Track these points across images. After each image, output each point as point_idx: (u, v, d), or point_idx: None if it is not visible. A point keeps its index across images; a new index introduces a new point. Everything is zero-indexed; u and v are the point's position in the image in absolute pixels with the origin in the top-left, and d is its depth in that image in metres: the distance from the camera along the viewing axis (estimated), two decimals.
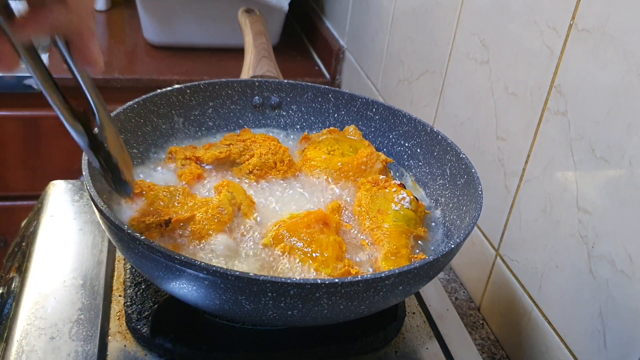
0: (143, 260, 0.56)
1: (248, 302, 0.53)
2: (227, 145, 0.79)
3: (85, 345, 0.64)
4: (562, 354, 0.75)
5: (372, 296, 0.55)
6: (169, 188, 0.70)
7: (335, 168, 0.78)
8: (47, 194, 0.89)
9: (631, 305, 0.65)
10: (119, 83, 1.54)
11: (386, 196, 0.73)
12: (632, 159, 0.64)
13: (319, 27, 1.77)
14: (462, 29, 0.98)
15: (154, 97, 0.80)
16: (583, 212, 0.71)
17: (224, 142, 0.81)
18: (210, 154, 0.77)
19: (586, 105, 0.70)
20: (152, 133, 0.80)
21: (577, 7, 0.72)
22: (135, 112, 0.77)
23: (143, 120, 0.79)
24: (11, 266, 0.81)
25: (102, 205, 0.57)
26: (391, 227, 0.69)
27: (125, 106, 0.76)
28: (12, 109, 1.52)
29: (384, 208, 0.71)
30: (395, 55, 1.26)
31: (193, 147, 0.80)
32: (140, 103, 0.78)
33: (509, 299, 0.86)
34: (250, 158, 0.77)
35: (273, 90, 0.90)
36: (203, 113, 0.87)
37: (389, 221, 0.69)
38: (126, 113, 0.76)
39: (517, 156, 0.83)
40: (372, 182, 0.75)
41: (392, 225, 0.69)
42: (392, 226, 0.69)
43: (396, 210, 0.71)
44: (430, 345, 0.72)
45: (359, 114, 0.89)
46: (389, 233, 0.68)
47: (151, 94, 0.80)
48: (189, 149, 0.79)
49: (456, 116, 1.00)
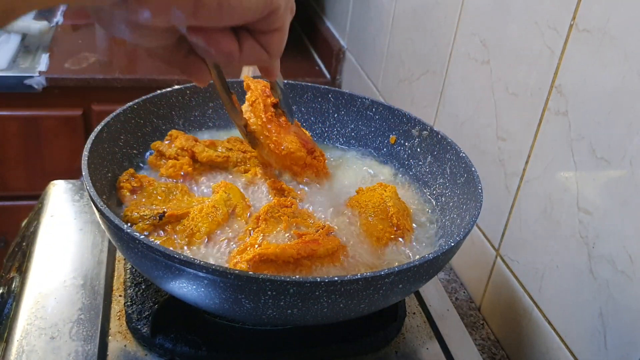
0: (143, 259, 0.56)
1: (248, 301, 0.53)
2: (228, 149, 0.79)
3: (86, 345, 0.64)
4: (563, 355, 0.75)
5: (372, 294, 0.55)
6: (168, 185, 0.71)
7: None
8: (47, 193, 0.89)
9: (631, 306, 0.64)
10: (119, 83, 1.54)
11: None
12: (633, 160, 0.63)
13: (320, 27, 1.77)
14: (462, 29, 0.98)
15: (154, 98, 0.80)
16: (583, 212, 0.71)
17: (225, 145, 0.80)
18: (207, 154, 0.77)
19: (587, 106, 0.70)
20: (152, 134, 0.80)
21: (577, 7, 0.71)
22: (135, 113, 0.77)
23: (143, 121, 0.79)
24: (11, 266, 0.81)
25: (102, 205, 0.57)
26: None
27: (125, 107, 0.76)
28: (13, 109, 1.52)
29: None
30: (396, 55, 1.26)
31: (194, 139, 0.80)
32: (140, 104, 0.78)
33: (509, 299, 0.86)
34: (245, 172, 0.77)
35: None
36: (203, 114, 0.87)
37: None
38: (126, 114, 0.76)
39: (518, 156, 0.83)
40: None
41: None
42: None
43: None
44: (430, 345, 0.72)
45: (359, 114, 0.89)
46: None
47: (151, 94, 0.80)
48: (190, 139, 0.78)
49: (457, 116, 1.00)
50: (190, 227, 0.64)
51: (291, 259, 0.60)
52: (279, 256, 0.60)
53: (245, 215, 0.69)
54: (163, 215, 0.64)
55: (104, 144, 0.71)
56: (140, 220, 0.64)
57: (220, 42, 0.43)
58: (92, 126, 1.38)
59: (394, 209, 0.70)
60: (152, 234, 0.65)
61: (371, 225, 0.68)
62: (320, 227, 0.66)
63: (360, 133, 0.89)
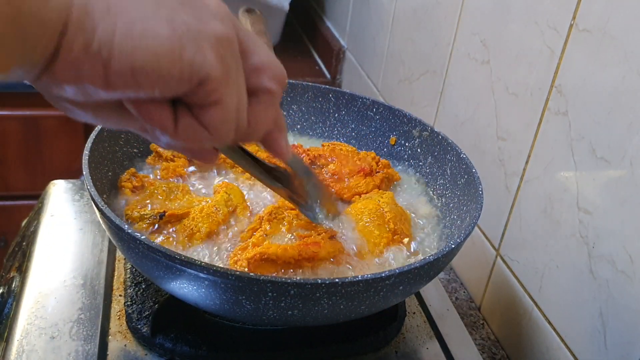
0: (143, 259, 0.56)
1: (248, 302, 0.53)
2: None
3: (86, 344, 0.64)
4: (563, 354, 0.75)
5: (372, 296, 0.55)
6: (169, 184, 0.71)
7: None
8: (47, 193, 0.89)
9: (631, 306, 0.64)
10: None
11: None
12: (633, 159, 0.64)
13: (320, 27, 1.77)
14: (462, 29, 0.98)
15: None
16: (583, 212, 0.71)
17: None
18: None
19: (587, 106, 0.70)
20: None
21: (577, 7, 0.71)
22: None
23: None
24: (11, 266, 0.81)
25: (102, 204, 0.57)
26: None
27: None
28: (13, 108, 1.52)
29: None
30: (396, 55, 1.26)
31: None
32: None
33: (510, 299, 0.86)
34: (245, 172, 0.77)
35: None
36: None
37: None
38: None
39: (518, 156, 0.83)
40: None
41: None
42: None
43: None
44: (430, 345, 0.72)
45: (360, 113, 0.89)
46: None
47: None
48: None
49: (457, 116, 1.00)
50: (191, 227, 0.64)
51: (292, 260, 0.60)
52: (280, 256, 0.60)
53: (246, 215, 0.69)
54: (164, 214, 0.64)
55: (105, 143, 0.71)
56: (140, 219, 0.65)
57: (152, 113, 0.37)
58: (92, 126, 1.37)
59: (391, 214, 0.70)
60: (152, 233, 0.65)
61: (368, 231, 0.68)
62: (323, 230, 0.66)
63: (361, 133, 0.89)
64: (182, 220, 0.65)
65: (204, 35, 0.36)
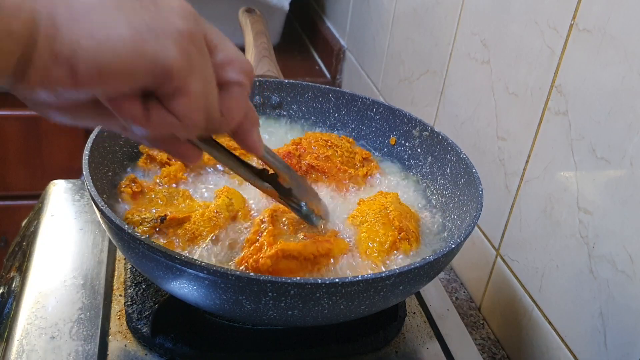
0: (143, 260, 0.56)
1: (248, 302, 0.53)
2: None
3: (86, 344, 0.64)
4: (563, 354, 0.75)
5: (372, 296, 0.55)
6: (169, 189, 0.71)
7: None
8: (47, 193, 0.89)
9: (631, 306, 0.65)
10: None
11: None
12: (633, 159, 0.64)
13: (320, 26, 1.77)
14: (462, 28, 0.98)
15: None
16: (584, 212, 0.71)
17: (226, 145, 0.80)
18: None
19: (587, 106, 0.70)
20: None
21: (577, 7, 0.71)
22: None
23: None
24: (12, 265, 0.81)
25: (102, 204, 0.57)
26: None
27: None
28: (13, 108, 1.52)
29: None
30: (396, 55, 1.26)
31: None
32: None
33: (510, 299, 0.86)
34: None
35: (274, 90, 0.90)
36: None
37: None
38: None
39: (518, 156, 0.83)
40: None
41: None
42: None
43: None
44: (430, 345, 0.72)
45: (360, 113, 0.89)
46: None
47: None
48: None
49: (457, 116, 1.00)
50: (192, 231, 0.64)
51: (311, 255, 0.61)
52: (302, 252, 0.60)
53: (248, 220, 0.69)
54: (165, 218, 0.64)
55: (105, 143, 0.71)
56: (141, 223, 0.64)
57: (123, 106, 0.41)
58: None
59: (395, 213, 0.70)
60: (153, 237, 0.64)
61: (372, 231, 0.68)
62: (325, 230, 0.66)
63: (361, 133, 0.89)
64: (183, 224, 0.65)
65: (165, 31, 0.39)
